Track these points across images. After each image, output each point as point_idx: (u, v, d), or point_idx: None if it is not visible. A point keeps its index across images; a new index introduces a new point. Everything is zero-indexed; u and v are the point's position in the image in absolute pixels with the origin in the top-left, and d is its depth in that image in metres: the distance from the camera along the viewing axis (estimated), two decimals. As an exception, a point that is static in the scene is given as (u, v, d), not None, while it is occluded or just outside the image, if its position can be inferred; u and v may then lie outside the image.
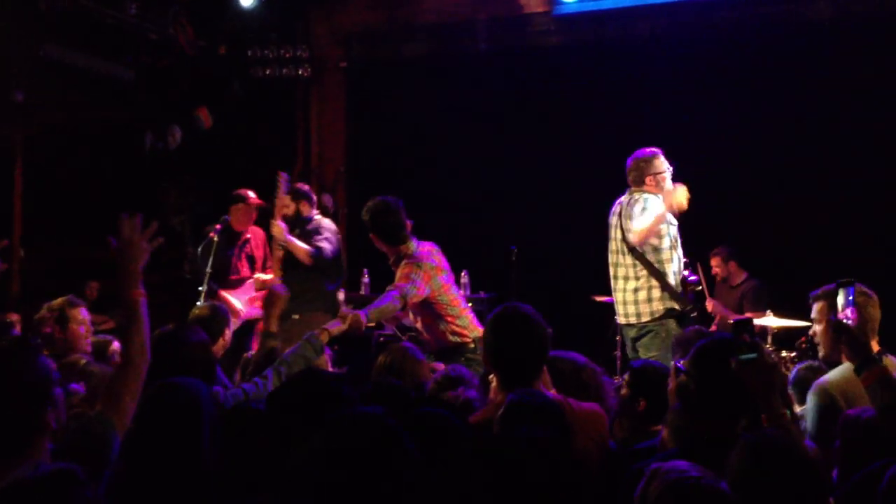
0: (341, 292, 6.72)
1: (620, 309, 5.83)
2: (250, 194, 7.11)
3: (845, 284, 3.21)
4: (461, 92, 9.06)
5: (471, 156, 8.94)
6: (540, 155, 8.90)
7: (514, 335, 3.24)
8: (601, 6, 8.91)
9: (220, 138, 9.65)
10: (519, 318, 3.28)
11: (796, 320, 6.37)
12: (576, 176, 8.56)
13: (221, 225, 6.97)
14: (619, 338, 7.08)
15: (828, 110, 7.96)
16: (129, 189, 9.88)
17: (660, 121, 7.94)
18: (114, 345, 5.02)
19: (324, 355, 4.18)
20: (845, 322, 3.09)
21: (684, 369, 2.88)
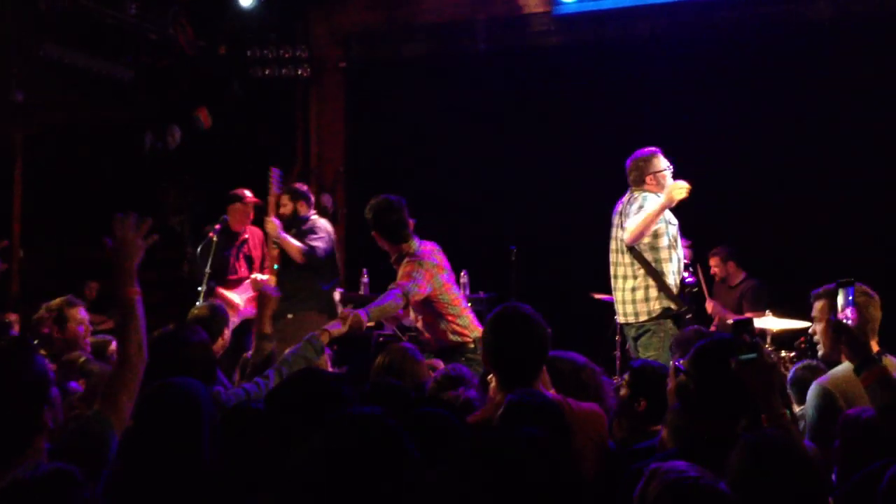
0: (336, 292, 6.71)
1: (620, 308, 5.83)
2: (247, 193, 7.10)
3: (845, 284, 3.20)
4: (461, 92, 9.05)
5: (470, 156, 8.94)
6: (539, 155, 8.89)
7: (514, 335, 3.23)
8: (601, 6, 8.91)
9: (219, 138, 9.65)
10: (518, 318, 3.27)
11: (796, 320, 6.37)
12: (575, 176, 8.56)
13: (221, 225, 6.98)
14: (619, 338, 7.09)
15: (828, 110, 7.96)
16: (129, 189, 9.88)
17: (660, 121, 7.94)
18: (113, 345, 5.00)
19: (323, 355, 4.18)
20: (845, 322, 3.09)
21: (684, 369, 2.88)
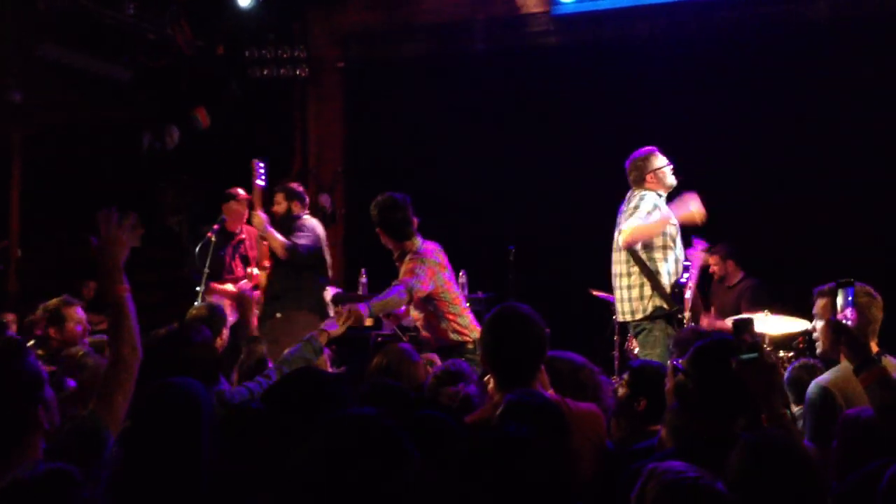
0: (327, 291, 6.68)
1: (618, 306, 5.86)
2: (240, 192, 7.09)
3: (845, 285, 3.19)
4: (459, 92, 9.04)
5: (469, 156, 8.93)
6: (538, 155, 8.88)
7: (512, 335, 3.22)
8: (599, 6, 8.90)
9: (217, 138, 9.64)
10: (516, 318, 3.26)
11: (795, 318, 6.35)
12: (574, 176, 8.54)
13: (218, 225, 6.97)
14: (617, 338, 7.08)
15: (827, 110, 7.95)
16: (127, 189, 9.87)
17: (659, 121, 7.93)
18: (112, 344, 4.99)
19: (323, 356, 4.17)
20: (844, 323, 3.08)
21: (683, 369, 2.87)
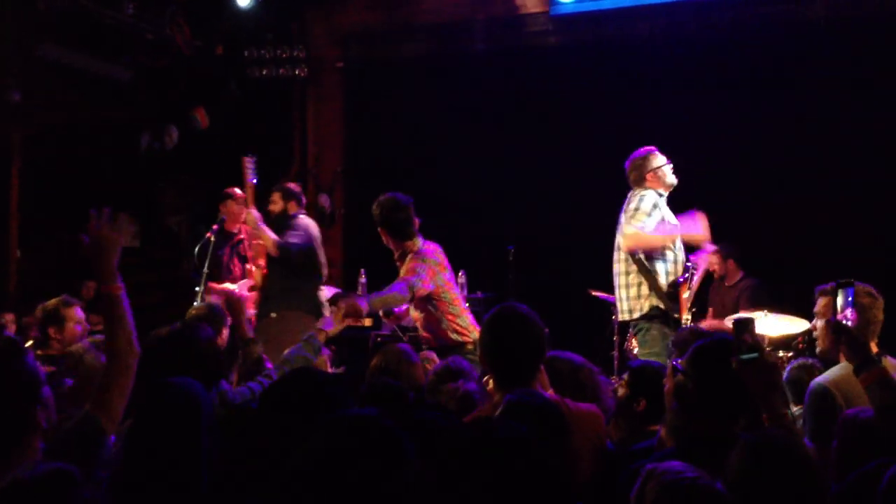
0: (322, 291, 6.68)
1: (618, 305, 5.87)
2: (237, 191, 7.09)
3: (844, 285, 3.18)
4: (459, 92, 9.04)
5: (468, 156, 8.93)
6: (537, 155, 8.88)
7: (511, 335, 3.21)
8: (599, 6, 8.90)
9: (216, 138, 9.63)
10: (516, 318, 3.26)
11: (794, 317, 6.35)
12: (573, 176, 8.55)
13: (218, 225, 6.98)
14: (617, 338, 7.08)
15: (827, 110, 7.95)
16: (127, 189, 9.88)
17: (658, 121, 7.92)
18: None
19: (323, 356, 4.17)
20: (844, 323, 3.08)
21: (682, 369, 2.86)
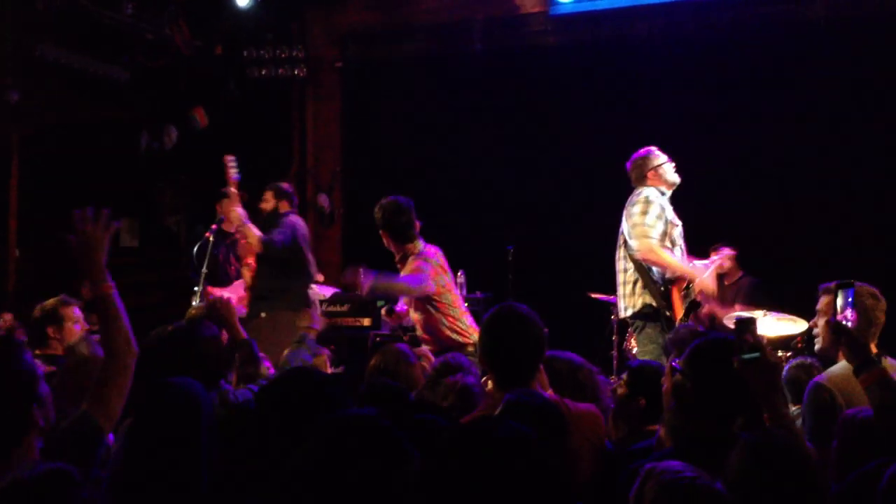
0: (311, 290, 6.68)
1: (619, 302, 5.86)
2: (234, 191, 7.08)
3: (844, 286, 3.18)
4: (458, 92, 9.05)
5: (467, 156, 8.93)
6: (536, 155, 8.89)
7: (510, 335, 3.21)
8: (597, 6, 8.91)
9: (215, 138, 9.63)
10: (515, 318, 3.25)
11: (793, 318, 6.35)
12: (573, 176, 8.56)
13: (217, 225, 6.97)
14: (616, 337, 7.08)
15: (827, 110, 7.96)
16: (126, 189, 9.87)
17: (658, 121, 7.93)
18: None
19: (323, 356, 4.17)
20: (844, 324, 3.08)
21: (680, 369, 2.86)
